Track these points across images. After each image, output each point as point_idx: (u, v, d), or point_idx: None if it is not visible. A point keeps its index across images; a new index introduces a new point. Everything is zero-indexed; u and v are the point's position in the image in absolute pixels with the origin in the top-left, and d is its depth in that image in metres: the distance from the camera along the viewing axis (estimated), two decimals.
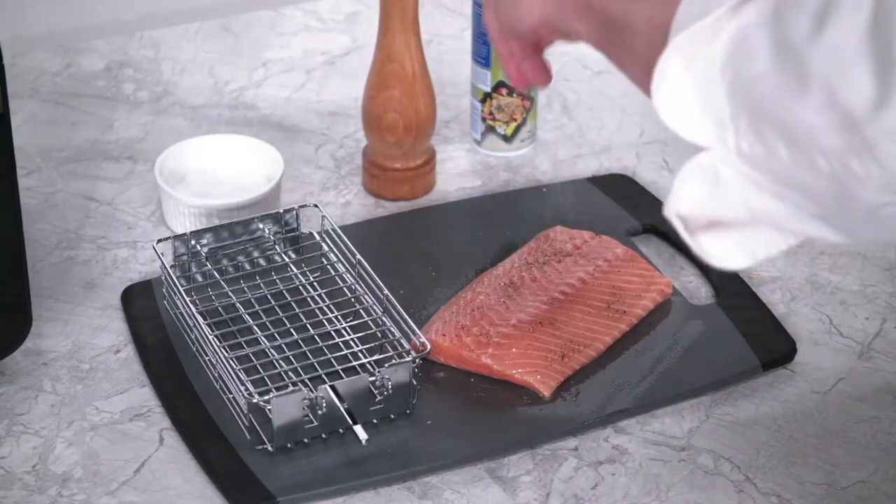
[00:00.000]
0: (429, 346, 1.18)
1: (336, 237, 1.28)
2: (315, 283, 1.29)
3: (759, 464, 1.16)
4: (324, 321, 1.25)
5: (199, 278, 1.28)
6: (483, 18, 1.10)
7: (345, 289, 1.27)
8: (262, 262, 1.30)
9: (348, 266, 1.27)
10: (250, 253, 1.29)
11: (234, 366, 1.16)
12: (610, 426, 1.19)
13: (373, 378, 1.15)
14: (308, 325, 1.24)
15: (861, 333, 1.29)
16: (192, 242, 1.27)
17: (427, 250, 1.35)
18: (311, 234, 1.31)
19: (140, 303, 1.28)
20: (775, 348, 1.25)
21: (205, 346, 1.19)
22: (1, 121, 1.12)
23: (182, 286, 1.23)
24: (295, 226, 1.30)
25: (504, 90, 1.46)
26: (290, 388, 1.17)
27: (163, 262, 1.24)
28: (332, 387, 1.14)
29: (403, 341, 1.20)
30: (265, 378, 1.18)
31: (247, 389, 1.13)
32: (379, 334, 1.23)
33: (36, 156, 1.48)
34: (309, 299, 1.27)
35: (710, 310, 1.29)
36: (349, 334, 1.23)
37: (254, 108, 1.56)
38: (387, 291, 1.22)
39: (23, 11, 1.69)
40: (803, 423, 1.20)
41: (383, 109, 1.39)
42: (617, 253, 1.32)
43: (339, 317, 1.25)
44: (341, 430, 1.15)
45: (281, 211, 1.30)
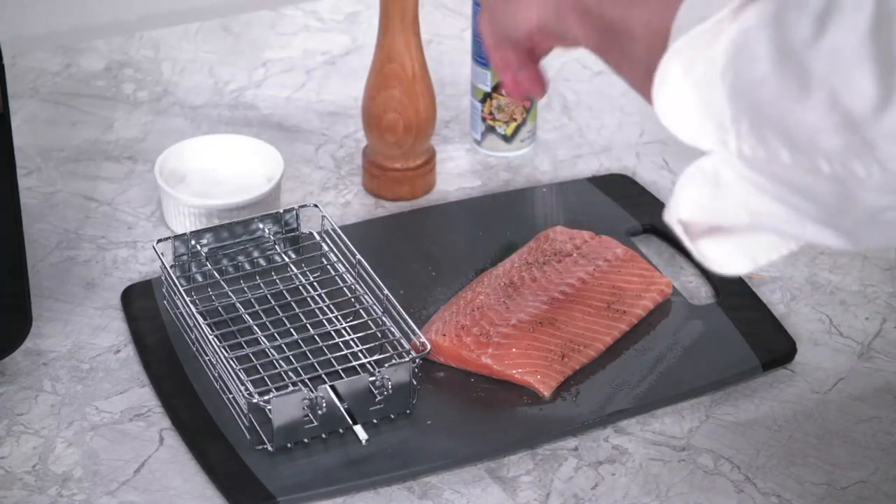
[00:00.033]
0: (429, 346, 1.18)
1: (336, 237, 1.28)
2: (315, 283, 1.29)
3: (759, 464, 1.16)
4: (324, 321, 1.25)
5: (199, 278, 1.28)
6: (478, 27, 1.09)
7: (345, 289, 1.27)
8: (262, 262, 1.30)
9: (348, 266, 1.27)
10: (250, 253, 1.29)
11: (234, 366, 1.16)
12: (610, 426, 1.19)
13: (373, 378, 1.15)
14: (308, 325, 1.24)
15: (861, 333, 1.28)
16: (192, 242, 1.27)
17: (427, 250, 1.35)
18: (311, 234, 1.31)
19: (140, 303, 1.28)
20: (775, 348, 1.25)
21: (205, 346, 1.19)
22: (1, 121, 1.12)
23: (182, 286, 1.23)
24: (295, 226, 1.30)
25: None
26: (290, 388, 1.17)
27: (163, 262, 1.24)
28: (332, 387, 1.14)
29: (403, 341, 1.20)
30: (265, 378, 1.18)
31: (247, 389, 1.13)
32: (379, 334, 1.23)
33: (36, 156, 1.48)
34: (309, 299, 1.27)
35: (710, 310, 1.29)
36: (349, 334, 1.23)
37: (254, 108, 1.56)
38: (387, 291, 1.21)
39: (23, 11, 1.69)
40: (803, 423, 1.20)
41: (383, 109, 1.39)
42: (617, 253, 1.32)
43: (339, 317, 1.25)
44: (341, 430, 1.15)
45: (281, 211, 1.30)
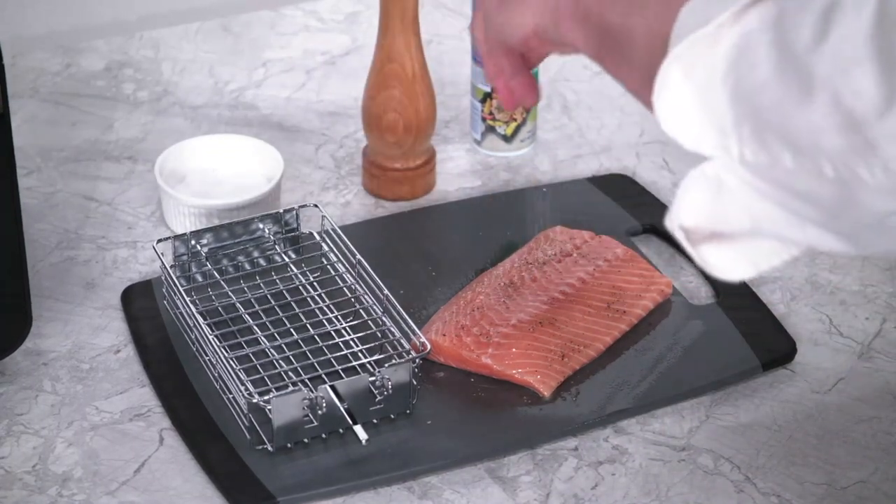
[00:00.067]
0: (429, 346, 1.18)
1: (336, 237, 1.28)
2: (315, 283, 1.29)
3: (759, 464, 1.16)
4: (324, 321, 1.25)
5: (199, 278, 1.28)
6: (472, 36, 1.09)
7: (345, 289, 1.27)
8: (262, 262, 1.30)
9: (348, 266, 1.27)
10: (250, 253, 1.29)
11: (234, 366, 1.16)
12: (610, 426, 1.19)
13: (373, 378, 1.15)
14: (308, 325, 1.24)
15: (861, 333, 1.28)
16: (192, 242, 1.27)
17: (427, 250, 1.35)
18: (311, 234, 1.31)
19: (140, 303, 1.28)
20: (775, 348, 1.25)
21: (205, 346, 1.19)
22: (1, 121, 1.12)
23: (182, 286, 1.23)
24: (295, 226, 1.30)
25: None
26: (290, 388, 1.17)
27: (163, 262, 1.24)
28: (332, 387, 1.14)
29: (403, 341, 1.20)
30: (265, 378, 1.18)
31: (247, 389, 1.13)
32: (379, 334, 1.23)
33: (36, 156, 1.48)
34: (309, 299, 1.27)
35: (710, 310, 1.29)
36: (349, 334, 1.23)
37: (254, 108, 1.56)
38: (387, 291, 1.21)
39: (23, 11, 1.69)
40: (803, 423, 1.20)
41: (383, 109, 1.39)
42: (617, 253, 1.32)
43: (339, 317, 1.25)
44: (341, 430, 1.15)
45: (281, 211, 1.30)
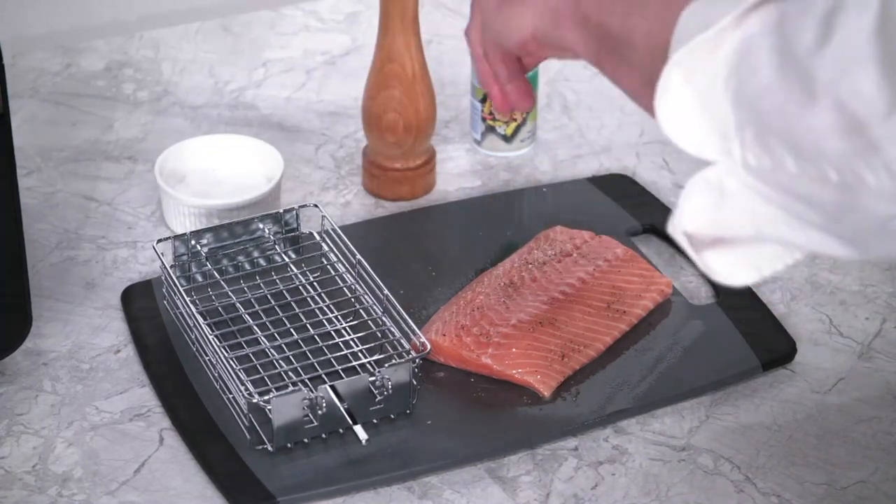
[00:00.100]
0: (429, 346, 1.18)
1: (336, 237, 1.28)
2: (315, 283, 1.29)
3: (759, 464, 1.16)
4: (324, 321, 1.25)
5: (199, 278, 1.28)
6: (467, 40, 1.09)
7: (345, 289, 1.27)
8: (262, 262, 1.30)
9: (348, 266, 1.27)
10: (250, 253, 1.29)
11: (234, 366, 1.16)
12: (610, 426, 1.19)
13: (373, 378, 1.15)
14: (308, 325, 1.24)
15: (861, 333, 1.28)
16: (192, 242, 1.27)
17: (427, 250, 1.35)
18: (311, 234, 1.31)
19: (140, 303, 1.28)
20: (775, 348, 1.25)
21: (205, 346, 1.19)
22: (1, 121, 1.12)
23: (182, 286, 1.23)
24: (295, 226, 1.30)
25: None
26: (290, 388, 1.17)
27: (163, 262, 1.24)
28: (332, 387, 1.14)
29: (403, 341, 1.20)
30: (265, 378, 1.18)
31: (247, 389, 1.13)
32: (379, 334, 1.23)
33: (36, 156, 1.48)
34: (309, 299, 1.27)
35: (710, 310, 1.29)
36: (349, 334, 1.23)
37: (254, 108, 1.56)
38: (387, 291, 1.21)
39: (23, 11, 1.69)
40: (803, 423, 1.20)
41: (383, 109, 1.39)
42: (617, 253, 1.32)
43: (339, 317, 1.25)
44: (341, 430, 1.15)
45: (281, 211, 1.30)
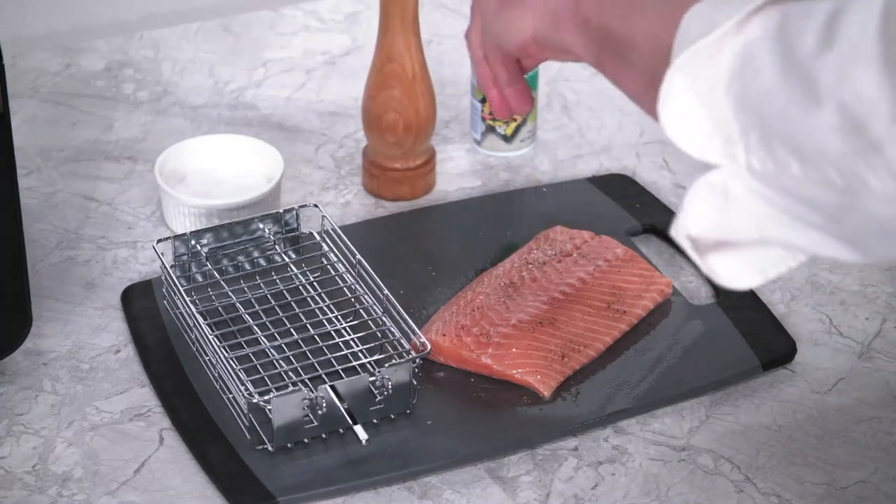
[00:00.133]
0: (429, 346, 1.18)
1: (336, 237, 1.28)
2: (315, 283, 1.29)
3: (759, 464, 1.16)
4: (324, 321, 1.25)
5: (199, 278, 1.28)
6: (467, 43, 1.09)
7: (345, 289, 1.27)
8: (262, 262, 1.30)
9: (348, 266, 1.27)
10: (250, 253, 1.29)
11: (234, 366, 1.16)
12: (610, 426, 1.19)
13: (373, 378, 1.15)
14: (308, 325, 1.24)
15: (861, 333, 1.28)
16: (192, 242, 1.27)
17: (427, 250, 1.35)
18: (311, 234, 1.31)
19: (140, 303, 1.28)
20: (775, 348, 1.25)
21: (205, 346, 1.19)
22: (1, 121, 1.12)
23: (182, 286, 1.23)
24: (295, 226, 1.30)
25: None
26: (290, 388, 1.17)
27: (163, 262, 1.24)
28: (332, 387, 1.14)
29: (403, 341, 1.20)
30: (265, 378, 1.18)
31: (247, 389, 1.13)
32: (379, 334, 1.23)
33: (36, 156, 1.48)
34: (309, 299, 1.27)
35: (710, 310, 1.29)
36: (349, 334, 1.23)
37: (254, 108, 1.56)
38: (387, 291, 1.21)
39: (23, 11, 1.69)
40: (803, 423, 1.20)
41: (383, 109, 1.39)
42: (617, 253, 1.32)
43: (339, 317, 1.25)
44: (341, 430, 1.15)
45: (281, 211, 1.30)
